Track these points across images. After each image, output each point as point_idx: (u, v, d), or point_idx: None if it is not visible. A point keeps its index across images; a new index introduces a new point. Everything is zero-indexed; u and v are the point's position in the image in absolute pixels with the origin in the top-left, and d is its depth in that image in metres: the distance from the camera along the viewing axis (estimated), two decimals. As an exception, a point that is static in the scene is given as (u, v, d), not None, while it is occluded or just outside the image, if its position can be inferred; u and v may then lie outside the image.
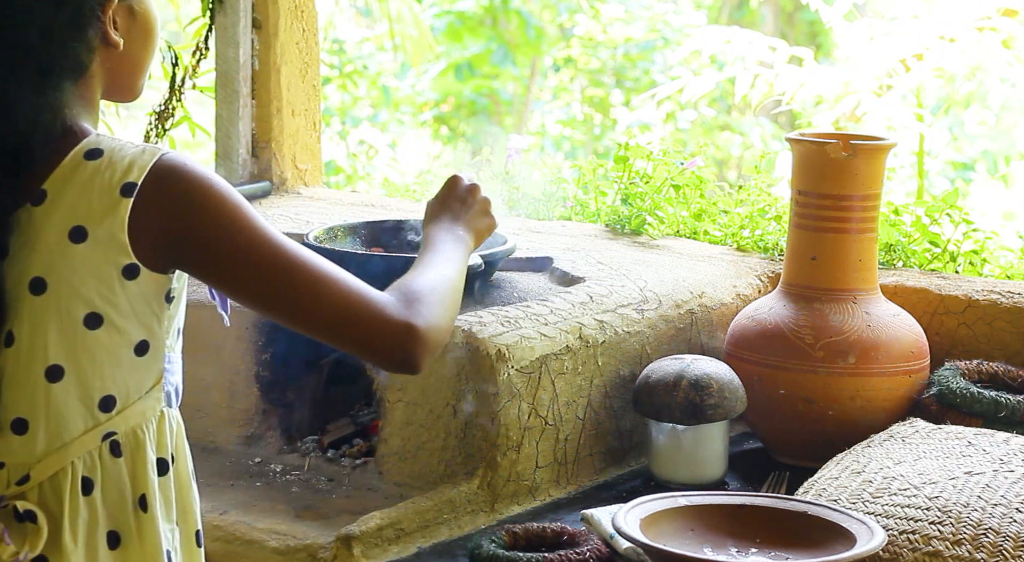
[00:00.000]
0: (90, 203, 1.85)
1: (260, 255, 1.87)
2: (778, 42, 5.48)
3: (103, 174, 1.86)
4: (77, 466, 1.89)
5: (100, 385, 1.89)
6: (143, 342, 1.90)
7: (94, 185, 1.86)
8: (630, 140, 3.93)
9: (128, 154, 1.87)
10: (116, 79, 1.97)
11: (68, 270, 1.85)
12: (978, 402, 3.03)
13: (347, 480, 3.02)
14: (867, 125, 5.09)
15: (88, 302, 1.86)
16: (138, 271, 1.86)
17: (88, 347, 1.87)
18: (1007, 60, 5.15)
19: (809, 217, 3.11)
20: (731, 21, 11.28)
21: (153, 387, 1.93)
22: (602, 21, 11.42)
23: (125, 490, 1.91)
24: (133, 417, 1.91)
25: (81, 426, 1.89)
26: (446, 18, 11.37)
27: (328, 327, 1.89)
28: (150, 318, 1.90)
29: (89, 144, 1.88)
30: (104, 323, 1.87)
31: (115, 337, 1.88)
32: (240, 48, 4.05)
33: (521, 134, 11.16)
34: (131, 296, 1.87)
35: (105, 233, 1.85)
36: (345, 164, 10.70)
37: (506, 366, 2.84)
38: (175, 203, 1.86)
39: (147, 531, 1.91)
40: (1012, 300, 3.26)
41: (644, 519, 2.47)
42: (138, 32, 1.97)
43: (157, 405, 1.94)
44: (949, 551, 2.47)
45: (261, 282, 1.88)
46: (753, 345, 3.11)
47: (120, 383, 1.90)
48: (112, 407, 1.90)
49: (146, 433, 1.92)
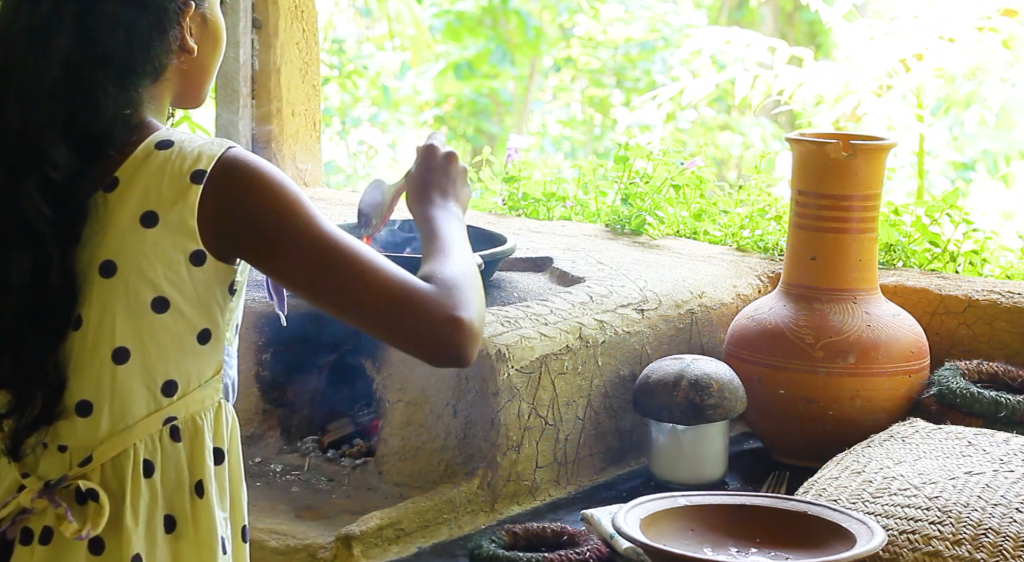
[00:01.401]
0: (161, 189, 1.90)
1: (314, 245, 1.91)
2: (778, 42, 5.48)
3: (174, 162, 1.91)
4: (139, 449, 1.92)
5: (163, 369, 1.92)
6: (205, 330, 1.94)
7: (165, 172, 1.90)
8: (630, 140, 3.93)
9: (197, 144, 1.92)
10: (187, 84, 2.03)
11: (138, 254, 1.89)
12: (978, 402, 3.03)
13: (347, 480, 3.02)
14: (867, 125, 5.09)
15: (156, 286, 1.89)
16: (204, 258, 1.90)
17: (154, 331, 1.90)
18: (1007, 60, 5.15)
19: (809, 217, 3.11)
20: (731, 21, 11.28)
21: (213, 377, 1.96)
22: (602, 21, 11.42)
23: (183, 475, 1.94)
24: (193, 404, 1.94)
25: (144, 409, 1.92)
26: (445, 18, 11.38)
27: (377, 321, 1.92)
28: (214, 307, 1.94)
29: (160, 136, 1.94)
30: (171, 307, 1.90)
31: (180, 322, 1.91)
32: (240, 48, 4.05)
33: (521, 134, 11.16)
34: (197, 283, 1.91)
35: (175, 218, 1.89)
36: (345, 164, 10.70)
37: (506, 366, 2.84)
38: (240, 191, 1.90)
39: (202, 516, 1.94)
40: (1012, 300, 3.26)
41: (644, 519, 2.47)
42: (209, 39, 2.03)
43: (216, 395, 1.97)
44: (949, 551, 2.47)
45: (313, 271, 1.91)
46: (753, 345, 3.11)
47: (183, 369, 1.93)
48: (174, 392, 1.93)
49: (204, 421, 1.96)
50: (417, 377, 2.93)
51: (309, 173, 4.25)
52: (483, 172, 4.36)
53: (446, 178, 2.19)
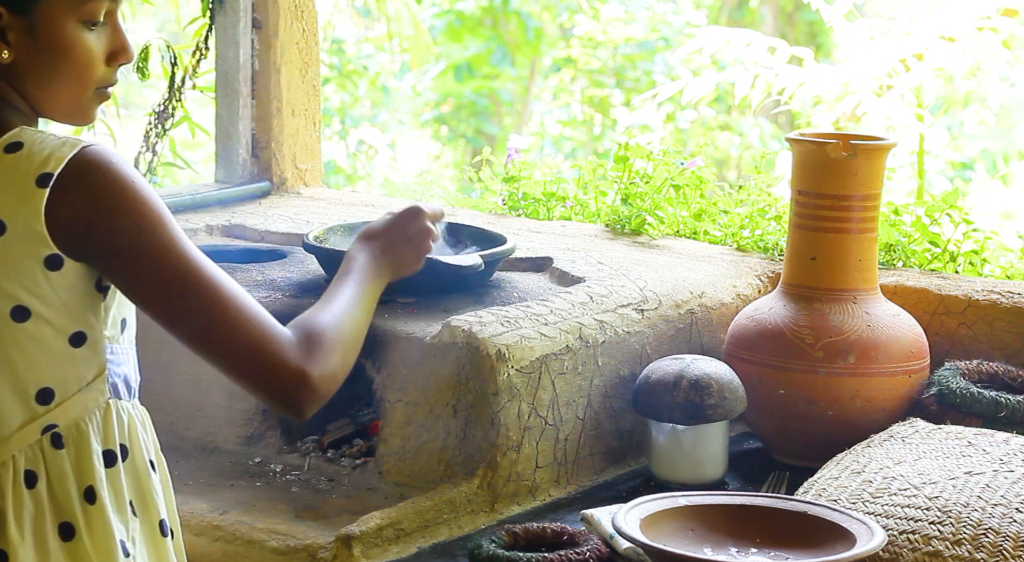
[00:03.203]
0: (7, 196, 1.84)
1: (165, 262, 1.85)
2: (778, 42, 5.47)
3: (20, 166, 1.85)
4: (19, 460, 1.88)
5: (35, 378, 1.88)
6: (79, 333, 1.89)
7: (11, 177, 1.84)
8: (630, 140, 3.93)
9: (48, 146, 1.86)
10: (26, 93, 1.93)
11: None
12: (978, 402, 3.03)
13: (347, 480, 3.02)
14: (867, 125, 5.09)
15: (12, 295, 1.85)
16: (61, 261, 1.85)
17: (18, 340, 1.86)
18: (1007, 60, 5.15)
19: (809, 217, 3.11)
20: (731, 21, 11.29)
21: (95, 379, 1.92)
22: (602, 21, 11.42)
23: (69, 482, 1.90)
24: (74, 409, 1.90)
25: (20, 419, 1.88)
26: (445, 18, 11.38)
27: (221, 356, 1.87)
28: (83, 309, 1.88)
29: (10, 138, 1.87)
30: (32, 315, 1.86)
31: (45, 329, 1.87)
32: (240, 48, 4.05)
33: (521, 134, 11.16)
34: (57, 287, 1.86)
35: (22, 224, 1.84)
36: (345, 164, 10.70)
37: (506, 366, 2.84)
38: (90, 195, 1.83)
39: (96, 522, 1.90)
40: (1012, 300, 3.26)
41: (644, 519, 2.47)
42: (42, 55, 1.91)
43: (101, 397, 1.93)
44: (949, 551, 2.47)
45: (162, 294, 1.85)
46: (753, 345, 3.11)
47: (57, 375, 1.89)
48: (51, 399, 1.89)
49: (90, 425, 1.91)
50: (417, 377, 2.93)
51: (309, 173, 4.25)
52: (483, 172, 4.36)
53: (404, 244, 2.12)
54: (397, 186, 4.78)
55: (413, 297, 3.14)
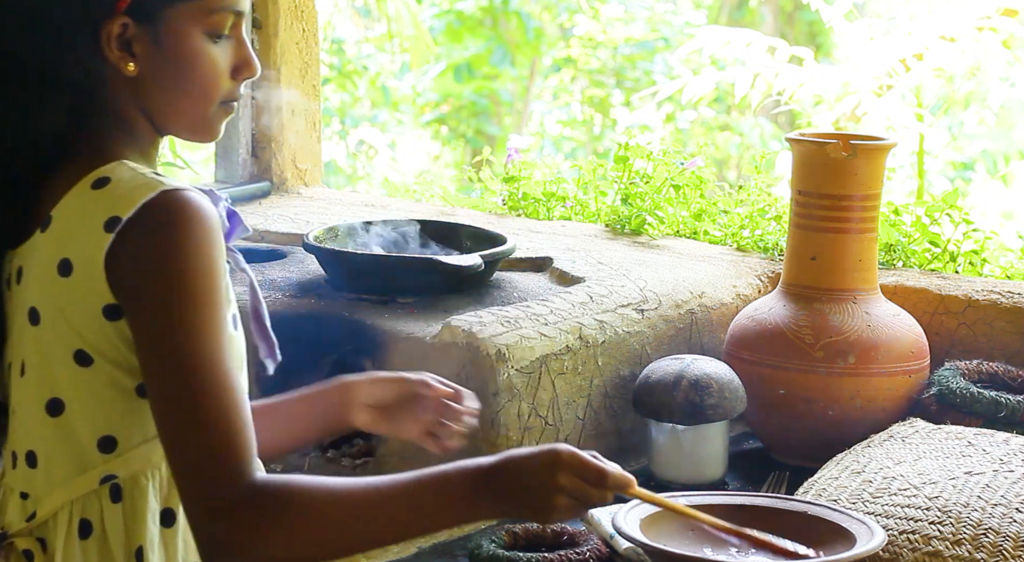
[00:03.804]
0: (79, 235, 1.76)
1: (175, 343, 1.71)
2: (778, 42, 5.47)
3: (100, 204, 1.75)
4: (76, 507, 1.81)
5: (99, 425, 1.80)
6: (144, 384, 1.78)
7: (87, 216, 1.76)
8: (630, 140, 3.93)
9: (131, 186, 1.76)
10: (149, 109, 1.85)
11: (57, 303, 1.77)
12: (978, 402, 3.03)
13: (347, 480, 3.01)
14: (867, 125, 5.08)
15: (76, 339, 1.77)
16: (120, 312, 1.76)
17: (82, 384, 1.78)
18: (1007, 60, 5.15)
19: (809, 217, 3.11)
20: (730, 21, 11.29)
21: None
22: (602, 21, 11.42)
23: (120, 540, 1.81)
24: (136, 461, 1.81)
25: (81, 465, 1.80)
26: (445, 18, 11.38)
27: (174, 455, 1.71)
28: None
29: (101, 172, 1.78)
30: (95, 362, 1.77)
31: (109, 377, 1.78)
32: (240, 48, 4.05)
33: (521, 134, 11.16)
34: (120, 336, 1.76)
35: (86, 269, 1.75)
36: (345, 164, 10.70)
37: (506, 366, 2.84)
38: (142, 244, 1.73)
39: None
40: (1012, 300, 3.26)
41: (644, 519, 2.46)
42: (167, 65, 1.83)
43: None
44: (949, 551, 2.47)
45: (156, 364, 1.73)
46: (753, 345, 3.11)
47: (120, 424, 1.80)
48: (112, 449, 1.80)
49: (151, 480, 1.82)
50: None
51: (309, 173, 4.25)
52: (483, 172, 4.36)
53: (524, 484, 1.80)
54: (397, 186, 4.77)
55: (413, 297, 3.14)
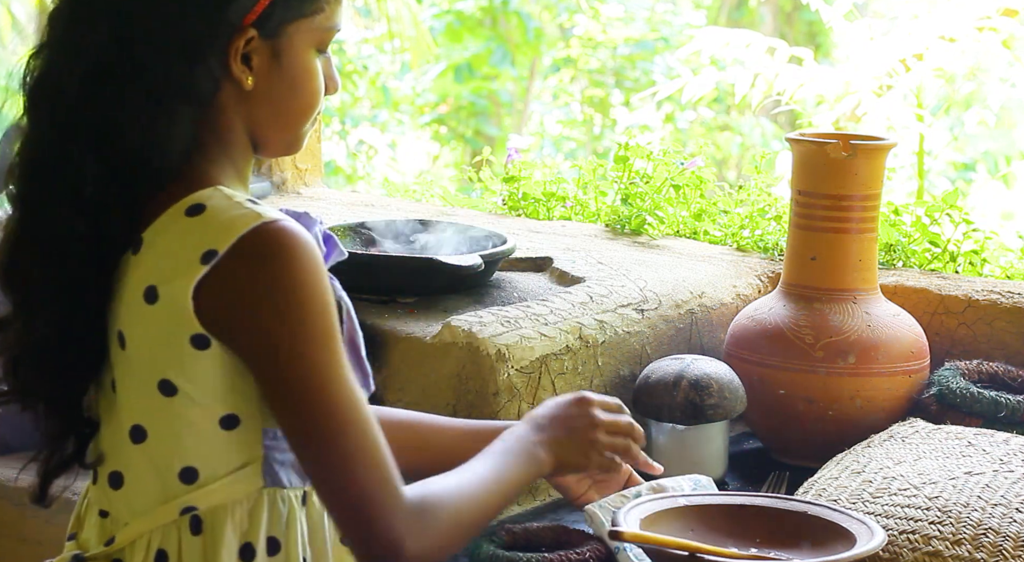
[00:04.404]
0: (171, 264, 1.70)
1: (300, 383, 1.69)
2: (777, 42, 5.47)
3: (194, 234, 1.70)
4: (154, 537, 1.76)
5: (180, 455, 1.74)
6: (230, 416, 1.74)
7: (181, 244, 1.70)
8: (630, 140, 3.93)
9: (229, 216, 1.70)
10: (252, 126, 1.80)
11: (142, 330, 1.72)
12: (978, 402, 3.03)
13: (347, 480, 3.01)
14: (867, 125, 5.08)
15: (160, 368, 1.72)
16: (208, 342, 1.70)
17: (165, 414, 1.73)
18: (1007, 60, 5.15)
19: (809, 217, 3.11)
20: (730, 21, 11.30)
21: (246, 465, 1.76)
22: (602, 21, 11.43)
23: None
24: (218, 494, 1.75)
25: (161, 495, 1.76)
26: (445, 18, 11.38)
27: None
28: (235, 392, 1.73)
29: (196, 198, 1.72)
30: (179, 392, 1.72)
31: (193, 408, 1.73)
32: (240, 48, 4.05)
33: (521, 134, 11.17)
34: (205, 367, 1.71)
35: (173, 296, 1.70)
36: (345, 164, 10.71)
37: (506, 366, 2.84)
38: (246, 280, 1.68)
39: None
40: (1012, 300, 3.26)
41: (644, 519, 2.46)
42: (281, 80, 1.78)
43: (251, 486, 1.77)
44: (949, 551, 2.47)
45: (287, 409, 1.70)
46: (753, 345, 3.11)
47: (203, 456, 1.74)
48: (194, 480, 1.74)
49: (231, 514, 1.76)
50: (417, 377, 2.93)
51: (309, 173, 4.25)
52: (483, 172, 4.36)
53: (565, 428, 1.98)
54: (397, 186, 4.77)
55: (413, 297, 3.14)
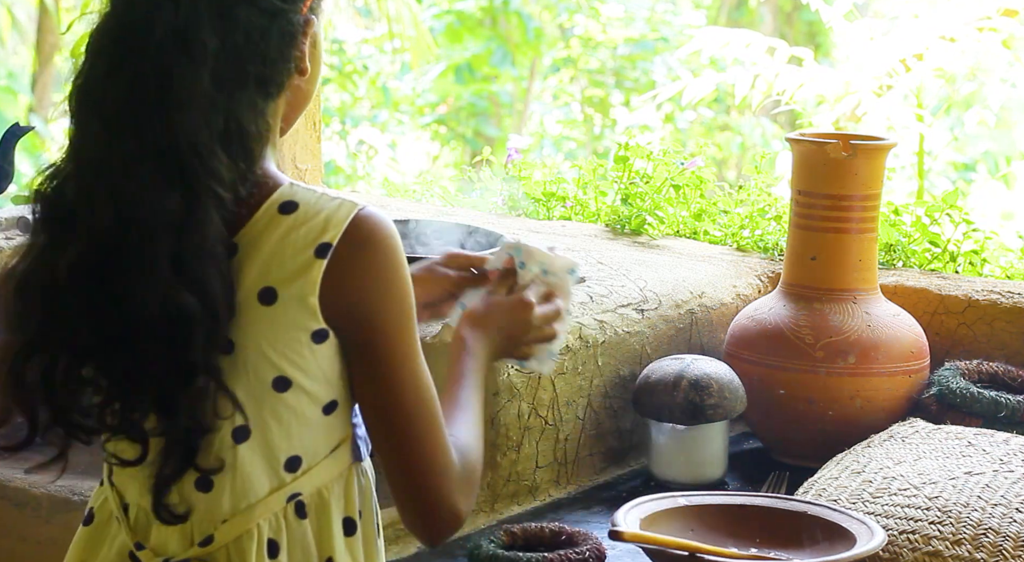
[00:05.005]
0: (283, 263, 1.74)
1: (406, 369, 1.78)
2: (777, 42, 5.47)
3: (298, 231, 1.75)
4: (263, 528, 1.80)
5: (287, 446, 1.80)
6: (332, 402, 1.81)
7: (287, 243, 1.75)
8: (630, 140, 3.93)
9: (324, 208, 1.76)
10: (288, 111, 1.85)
11: (256, 332, 1.75)
12: (978, 402, 3.03)
13: (347, 480, 3.02)
14: (867, 125, 5.08)
15: (276, 366, 1.76)
16: (327, 335, 1.77)
17: (276, 410, 1.78)
18: (1007, 60, 5.15)
19: (809, 217, 3.11)
20: (729, 21, 11.30)
21: (340, 444, 1.84)
22: (601, 21, 11.43)
23: (311, 553, 1.82)
24: (319, 477, 1.82)
25: (267, 487, 1.80)
26: (445, 18, 11.38)
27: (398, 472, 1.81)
28: (337, 378, 1.80)
29: (283, 196, 1.77)
30: (293, 386, 1.77)
31: (303, 399, 1.78)
32: (240, 48, 4.05)
33: (521, 134, 11.16)
34: (320, 359, 1.78)
35: (296, 295, 1.75)
36: (345, 164, 10.71)
37: (506, 366, 2.84)
38: (366, 268, 1.76)
39: None
40: (1012, 300, 3.26)
41: (644, 519, 2.46)
42: (316, 63, 1.85)
43: (343, 464, 1.84)
44: (949, 551, 2.47)
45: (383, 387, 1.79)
46: (753, 345, 3.11)
47: (307, 444, 1.81)
48: (298, 467, 1.81)
49: (332, 493, 1.83)
50: (417, 377, 2.92)
51: (309, 173, 4.25)
52: (483, 172, 4.36)
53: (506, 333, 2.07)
54: (397, 186, 4.77)
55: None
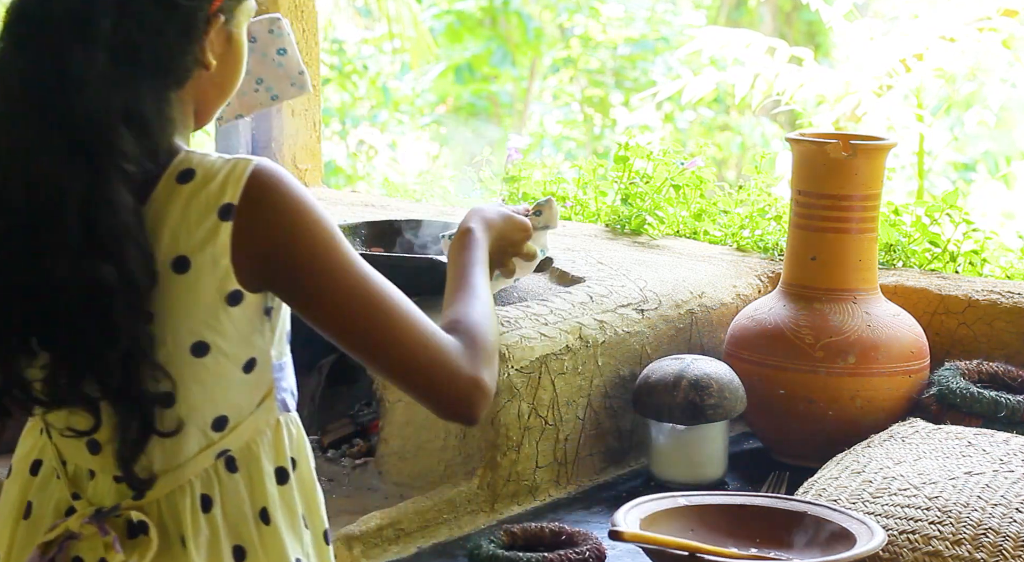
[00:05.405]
0: (190, 230, 1.80)
1: (344, 284, 1.84)
2: (777, 42, 5.47)
3: (198, 197, 1.80)
4: (195, 484, 1.86)
5: (211, 408, 1.85)
6: (250, 360, 1.86)
7: (191, 210, 1.80)
8: (630, 140, 3.93)
9: (219, 170, 1.81)
10: (200, 103, 1.92)
11: (173, 300, 1.81)
12: (978, 402, 3.03)
13: (347, 480, 3.02)
14: (867, 125, 5.08)
15: (194, 331, 1.81)
16: (241, 297, 1.82)
17: (196, 374, 1.83)
18: (1007, 60, 5.15)
19: (809, 217, 3.11)
20: (729, 21, 11.29)
21: (264, 400, 1.89)
22: (601, 21, 11.43)
23: (244, 505, 1.88)
24: (246, 432, 1.88)
25: (195, 447, 1.85)
26: (445, 18, 11.38)
27: (399, 373, 1.88)
28: (254, 336, 1.86)
29: (180, 164, 1.82)
30: (211, 350, 1.83)
31: (223, 361, 1.84)
32: (240, 48, 4.05)
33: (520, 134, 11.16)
34: (236, 320, 1.83)
35: (208, 261, 1.80)
36: (345, 164, 10.70)
37: (506, 366, 2.84)
38: (270, 219, 1.81)
39: (271, 543, 1.88)
40: (1012, 300, 3.26)
41: (644, 519, 2.47)
42: (231, 59, 1.92)
43: (271, 416, 1.90)
44: (949, 551, 2.47)
45: (340, 313, 1.85)
46: (753, 345, 3.11)
47: (231, 402, 1.86)
48: (225, 426, 1.86)
49: (261, 446, 1.89)
50: (417, 377, 2.92)
51: (309, 173, 4.25)
52: (483, 172, 4.36)
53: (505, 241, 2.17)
54: (397, 186, 4.77)
55: (413, 297, 3.13)
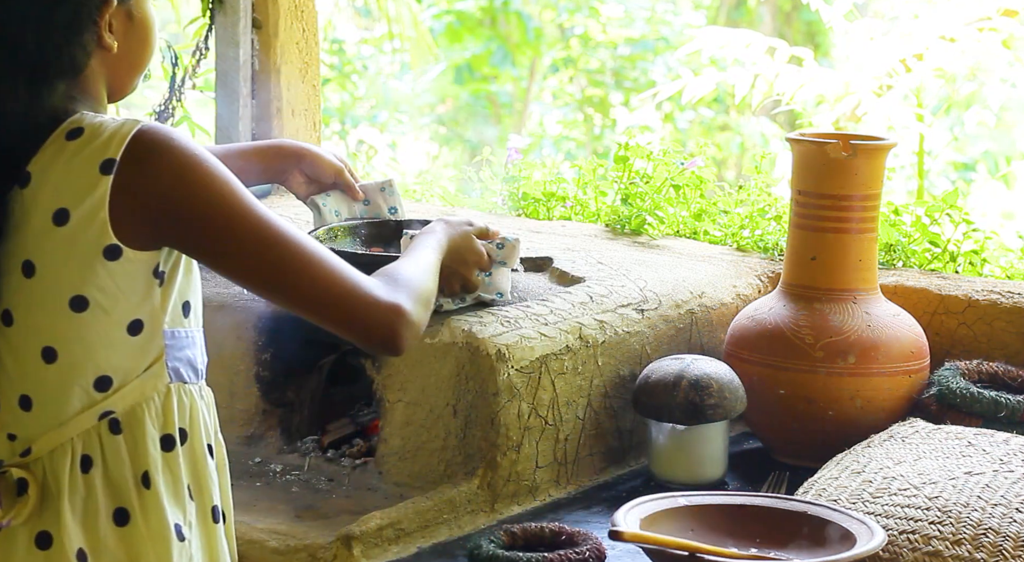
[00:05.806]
0: (72, 183, 1.86)
1: (248, 231, 1.89)
2: (777, 42, 5.47)
3: (83, 153, 1.87)
4: (76, 444, 1.91)
5: (93, 366, 1.90)
6: (136, 322, 1.91)
7: (74, 164, 1.87)
8: (630, 140, 3.93)
9: (107, 129, 1.87)
10: (112, 79, 1.99)
11: (53, 253, 1.87)
12: (978, 402, 3.03)
13: (347, 480, 3.02)
14: (867, 125, 5.09)
15: (72, 285, 1.87)
16: (120, 252, 1.87)
17: (77, 329, 1.89)
18: (1007, 60, 5.15)
19: (809, 217, 3.11)
20: (729, 21, 11.29)
21: (153, 365, 1.94)
22: (601, 21, 11.43)
23: (125, 468, 1.92)
24: (132, 395, 1.92)
25: (78, 406, 1.91)
26: (445, 18, 11.37)
27: (315, 305, 1.93)
28: (140, 297, 1.91)
29: (72, 124, 1.89)
30: (90, 305, 1.88)
31: (103, 318, 1.89)
32: (240, 48, 4.05)
33: (520, 134, 11.16)
34: (116, 277, 1.88)
35: (86, 214, 1.86)
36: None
37: (506, 366, 2.84)
38: (157, 178, 1.86)
39: (151, 508, 1.93)
40: (1012, 300, 3.26)
41: (644, 519, 2.47)
42: (135, 35, 1.99)
43: (160, 382, 1.95)
44: (949, 551, 2.47)
45: (250, 258, 1.90)
46: (753, 345, 3.11)
47: (115, 363, 1.91)
48: (108, 387, 1.91)
49: (147, 411, 1.93)
50: (417, 377, 2.93)
51: (309, 173, 4.24)
52: (483, 172, 4.35)
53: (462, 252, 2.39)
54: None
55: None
